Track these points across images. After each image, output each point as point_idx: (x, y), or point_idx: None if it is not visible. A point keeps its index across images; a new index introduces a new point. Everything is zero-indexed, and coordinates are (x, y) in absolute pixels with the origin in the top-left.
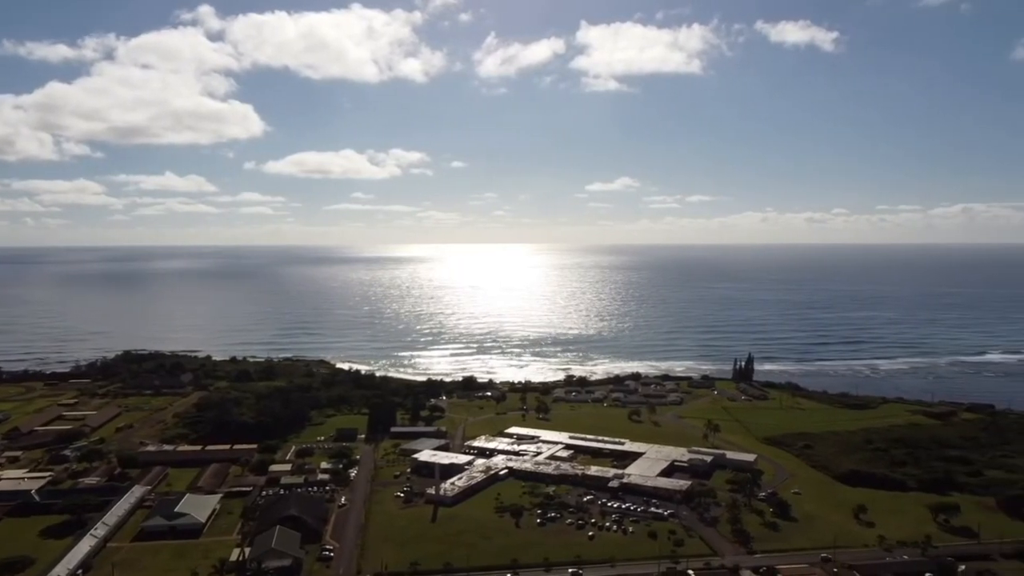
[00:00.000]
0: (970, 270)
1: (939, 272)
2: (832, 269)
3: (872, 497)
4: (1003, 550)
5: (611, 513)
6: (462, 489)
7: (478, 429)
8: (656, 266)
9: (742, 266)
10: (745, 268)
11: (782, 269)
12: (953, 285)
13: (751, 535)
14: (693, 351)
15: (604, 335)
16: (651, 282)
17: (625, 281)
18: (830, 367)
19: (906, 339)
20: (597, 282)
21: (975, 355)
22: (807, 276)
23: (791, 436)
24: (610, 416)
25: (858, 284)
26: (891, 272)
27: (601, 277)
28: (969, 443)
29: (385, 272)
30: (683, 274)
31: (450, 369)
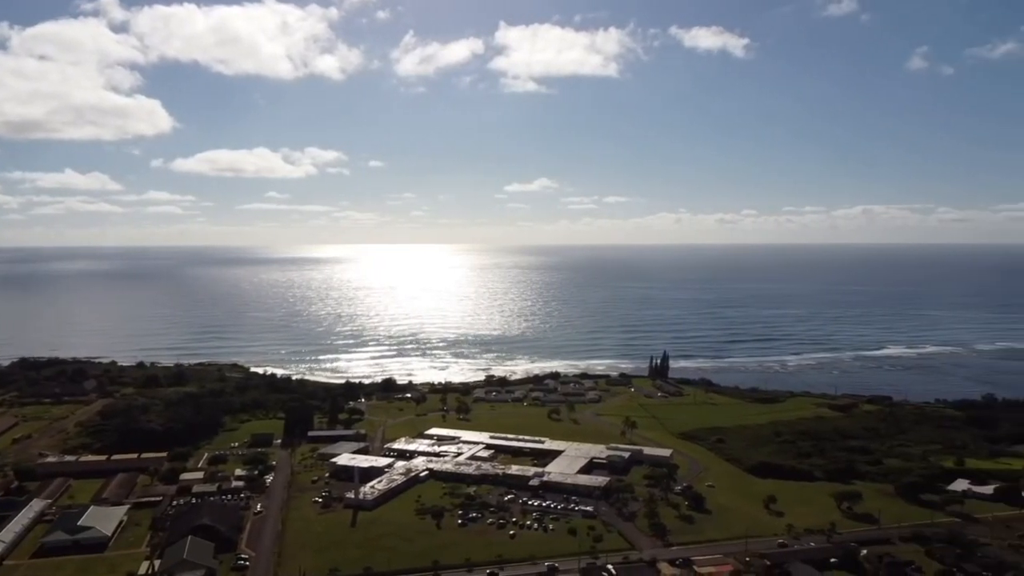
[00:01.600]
0: (870, 269)
1: (842, 271)
2: (742, 268)
3: (781, 488)
4: (901, 534)
5: (532, 511)
6: (382, 492)
7: (398, 431)
8: (575, 266)
9: (657, 266)
10: (660, 268)
11: (695, 268)
12: (855, 283)
13: (668, 528)
14: (612, 350)
15: (524, 335)
16: (570, 282)
17: (544, 281)
18: (741, 363)
19: (812, 335)
20: (517, 282)
21: (875, 350)
22: (719, 275)
23: (705, 431)
24: (530, 415)
25: (767, 283)
26: (798, 271)
27: (521, 277)
28: (869, 433)
29: (301, 273)
30: (601, 274)
31: (369, 371)
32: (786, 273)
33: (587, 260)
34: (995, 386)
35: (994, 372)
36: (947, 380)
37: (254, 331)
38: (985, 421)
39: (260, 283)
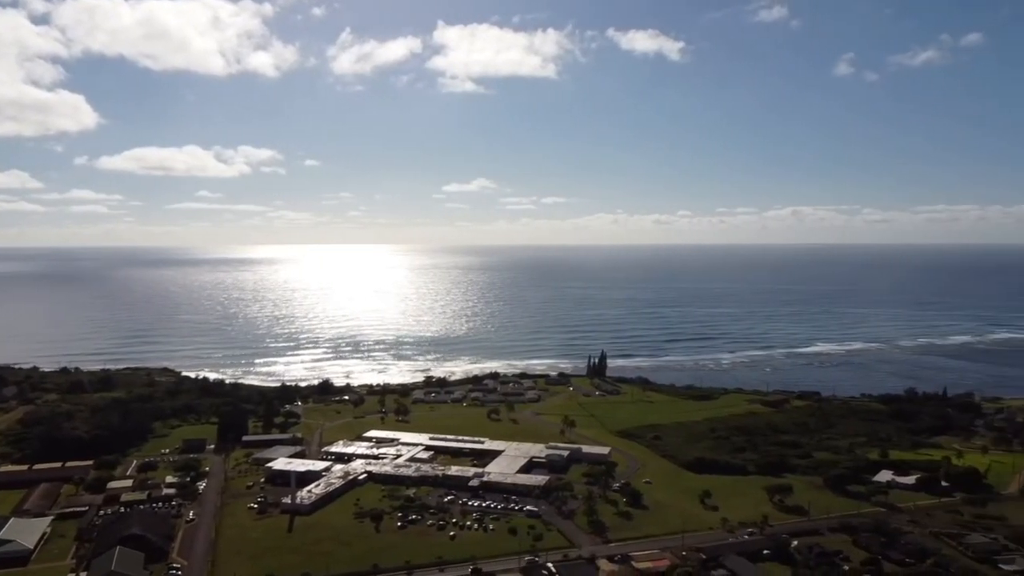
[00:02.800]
0: (799, 268)
1: (773, 270)
2: (679, 268)
3: (716, 482)
4: (830, 524)
5: (472, 512)
6: (320, 496)
7: (336, 434)
8: (513, 266)
9: (596, 266)
10: (599, 268)
11: (633, 268)
12: (786, 282)
13: (606, 525)
14: (552, 350)
15: (464, 336)
16: (509, 282)
17: (484, 281)
18: (678, 362)
19: (746, 334)
20: (456, 283)
21: (806, 347)
22: (656, 275)
23: (642, 428)
24: (470, 416)
25: (702, 283)
26: (731, 271)
27: (460, 278)
28: (800, 428)
29: (234, 274)
30: (540, 274)
31: (306, 374)
32: (720, 273)
33: (526, 260)
34: (916, 380)
35: (915, 367)
36: (872, 375)
37: (186, 334)
38: (907, 414)
39: (191, 285)
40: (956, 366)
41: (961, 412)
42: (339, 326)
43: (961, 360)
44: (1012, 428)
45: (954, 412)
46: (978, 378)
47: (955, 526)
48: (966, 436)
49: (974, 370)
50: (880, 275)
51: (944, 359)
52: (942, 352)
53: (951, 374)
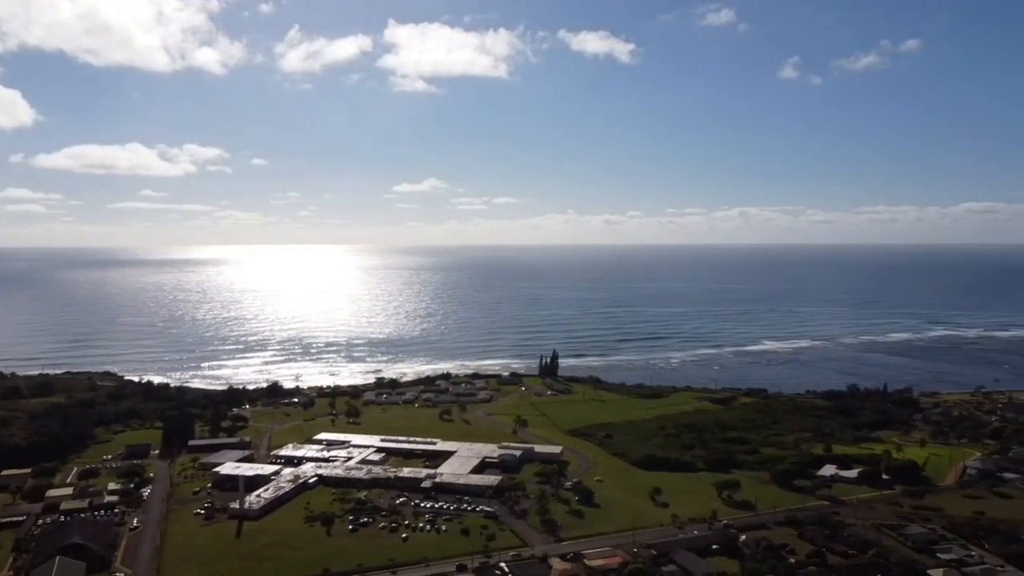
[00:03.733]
0: (747, 268)
1: (721, 270)
2: (629, 268)
3: (666, 479)
4: (776, 518)
5: (424, 513)
6: (269, 500)
7: (285, 437)
8: (465, 267)
9: (548, 266)
10: (550, 268)
11: (584, 268)
12: (733, 282)
13: (559, 524)
14: (504, 350)
15: (415, 336)
16: (461, 283)
17: (435, 282)
18: (628, 361)
19: (695, 333)
20: (407, 283)
21: (753, 346)
22: (607, 275)
23: (593, 427)
24: (422, 417)
25: (652, 282)
26: (681, 271)
27: (411, 278)
28: (747, 424)
29: (180, 275)
30: (492, 274)
31: (255, 377)
32: (670, 273)
33: (477, 261)
34: (858, 377)
35: (857, 364)
36: (816, 372)
37: (129, 338)
38: (849, 410)
39: (135, 286)
40: (896, 363)
41: (900, 407)
42: (289, 328)
43: (901, 357)
44: (948, 422)
45: (894, 407)
46: (917, 374)
47: (895, 517)
48: (905, 430)
49: (913, 366)
50: (824, 275)
51: (885, 356)
52: (883, 349)
53: (891, 371)
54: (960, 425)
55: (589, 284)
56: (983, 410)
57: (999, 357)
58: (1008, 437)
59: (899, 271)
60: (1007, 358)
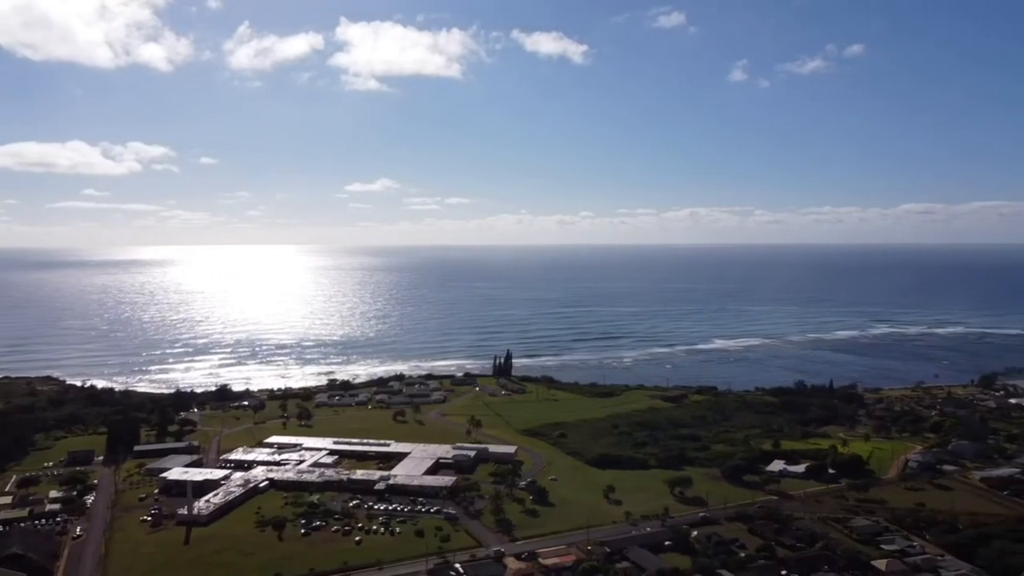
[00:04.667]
0: (697, 268)
1: (673, 270)
2: (582, 268)
3: (619, 477)
4: (727, 514)
5: (378, 516)
6: (218, 506)
7: (235, 441)
8: (418, 267)
9: (501, 266)
10: (504, 268)
11: (538, 269)
12: (685, 281)
13: (513, 523)
14: (458, 350)
15: (368, 337)
16: (414, 283)
17: (388, 282)
18: (582, 360)
19: (647, 332)
20: (360, 284)
21: (704, 344)
22: (561, 275)
23: (547, 426)
24: (375, 418)
25: (605, 282)
26: (633, 271)
27: (364, 279)
28: (698, 422)
29: (125, 277)
30: (445, 275)
31: (204, 381)
32: (623, 273)
33: (431, 261)
34: (805, 374)
35: (804, 361)
36: (765, 370)
37: (71, 341)
38: (797, 406)
39: (77, 288)
40: (841, 359)
41: (846, 403)
42: (239, 330)
43: (846, 354)
44: (891, 417)
45: (839, 403)
46: (861, 370)
47: (841, 510)
48: (850, 425)
49: (857, 363)
50: (772, 274)
51: (831, 353)
52: (829, 347)
53: (837, 367)
54: (902, 420)
55: (543, 284)
56: (923, 405)
57: (939, 353)
58: (947, 431)
59: (844, 271)
60: (946, 354)
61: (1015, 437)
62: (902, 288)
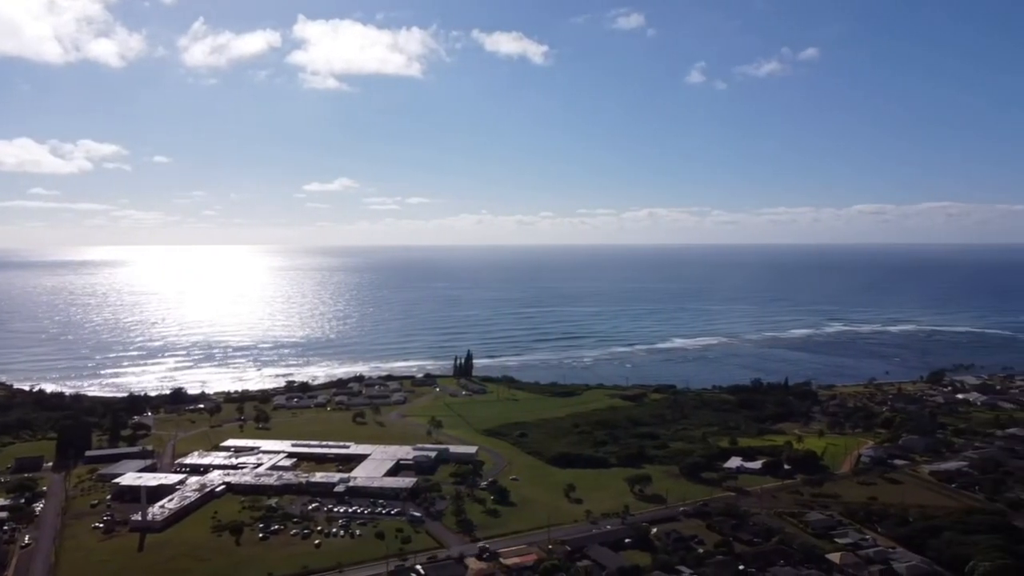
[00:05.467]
0: (657, 268)
1: (632, 269)
2: (543, 268)
3: (580, 476)
4: (685, 511)
5: (338, 518)
6: (173, 511)
7: (190, 445)
8: (378, 267)
9: (462, 266)
10: (465, 268)
11: (499, 269)
12: (644, 281)
13: (474, 524)
14: (418, 351)
15: (327, 339)
16: (374, 283)
17: (347, 283)
18: (542, 360)
19: (607, 331)
20: (318, 284)
21: (663, 343)
22: (521, 275)
23: (508, 426)
24: (334, 420)
25: (566, 282)
26: (593, 271)
27: (322, 279)
28: (657, 420)
29: (75, 278)
30: (405, 275)
31: (158, 384)
32: (583, 273)
33: (390, 261)
34: (761, 372)
35: (761, 360)
36: (722, 368)
37: (19, 345)
38: (753, 403)
39: (25, 290)
40: (796, 357)
41: (800, 400)
42: (195, 332)
43: (801, 352)
44: (844, 413)
45: (794, 400)
46: (815, 368)
47: (796, 505)
48: (805, 422)
49: (812, 361)
50: (729, 274)
51: (786, 351)
52: (784, 345)
53: (792, 365)
54: (854, 416)
55: (504, 284)
56: (875, 401)
57: (890, 351)
58: (898, 426)
59: (799, 270)
60: (897, 351)
61: (962, 431)
62: (855, 287)
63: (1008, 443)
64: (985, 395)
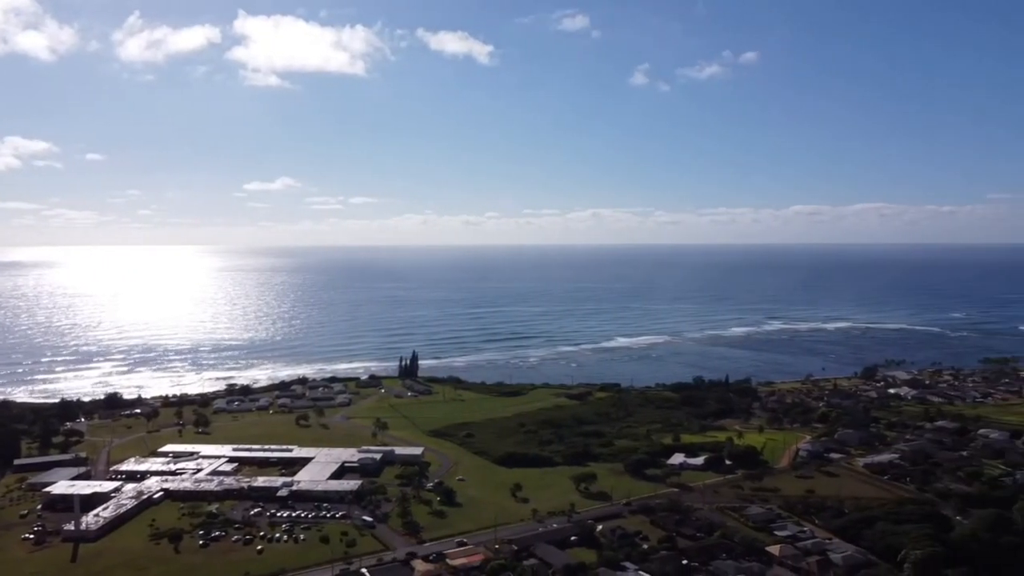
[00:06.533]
0: (601, 267)
1: (577, 269)
2: (489, 268)
3: (526, 475)
4: (630, 507)
5: (281, 523)
6: (108, 520)
7: (127, 451)
8: (322, 268)
9: (407, 267)
10: (411, 269)
11: (445, 269)
12: (589, 280)
13: (421, 525)
14: (364, 352)
15: (270, 340)
16: (317, 284)
17: (290, 283)
18: (489, 360)
19: (553, 331)
20: (260, 285)
21: (608, 342)
22: (468, 275)
23: (454, 427)
24: (277, 423)
25: (512, 282)
26: (539, 270)
27: (265, 280)
28: (602, 418)
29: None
30: (350, 275)
31: (92, 390)
32: (529, 273)
33: (335, 261)
34: (703, 369)
35: (703, 357)
36: (666, 366)
37: None
38: (695, 400)
39: None
40: (737, 355)
41: (741, 397)
42: (131, 335)
43: (742, 350)
44: (782, 409)
45: (735, 397)
46: (755, 365)
47: (737, 500)
48: (745, 418)
49: (752, 358)
50: (672, 273)
51: (727, 349)
52: (726, 343)
53: (733, 363)
54: (792, 411)
55: (450, 285)
56: (812, 397)
57: (826, 348)
58: (834, 421)
59: (740, 270)
60: (833, 348)
61: (894, 425)
62: (794, 286)
63: (936, 435)
64: (915, 389)
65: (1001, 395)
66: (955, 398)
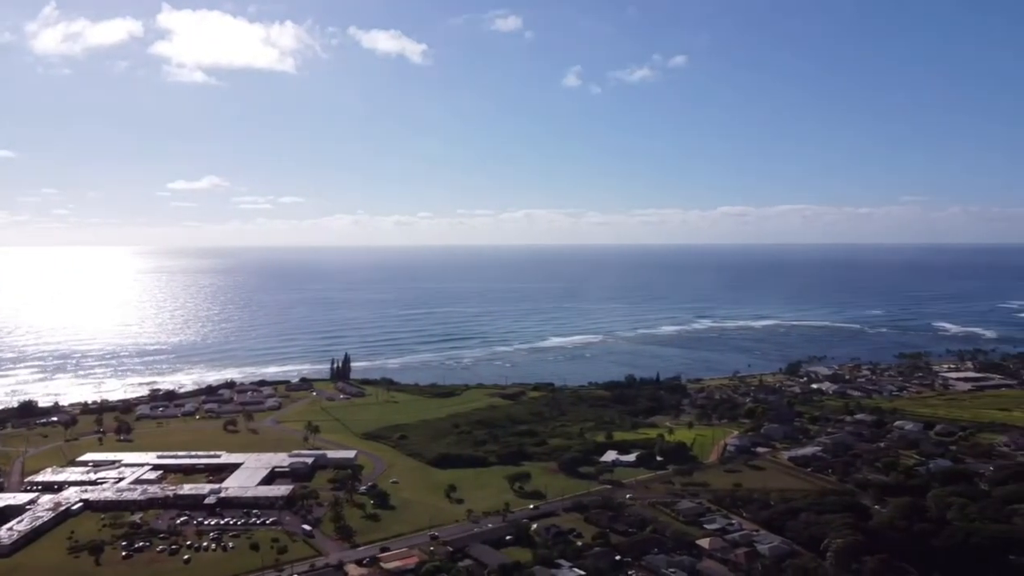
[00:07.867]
0: (534, 267)
1: (511, 269)
2: (422, 269)
3: (460, 476)
4: (564, 505)
5: (209, 531)
6: (23, 533)
7: (43, 461)
8: (250, 269)
9: (338, 267)
10: (341, 269)
11: (377, 269)
12: (523, 281)
13: (354, 529)
14: (295, 355)
15: (195, 343)
16: (245, 285)
17: (217, 285)
18: (422, 361)
19: (487, 331)
20: (185, 287)
21: (541, 342)
22: (399, 276)
23: (388, 429)
24: (204, 429)
25: (445, 282)
26: (472, 271)
27: (189, 281)
28: (535, 418)
29: None
30: (279, 276)
31: (4, 397)
32: (463, 273)
33: (263, 262)
34: (635, 368)
35: (634, 356)
36: (598, 365)
37: None
38: (627, 398)
39: None
40: (668, 353)
41: (671, 394)
42: (47, 340)
43: (672, 347)
44: (711, 405)
45: (665, 394)
46: (685, 363)
47: (668, 495)
48: (676, 415)
49: (682, 356)
50: (605, 273)
51: (658, 348)
52: (656, 342)
53: (663, 361)
54: (720, 407)
55: (383, 285)
56: (739, 393)
57: (752, 345)
58: (759, 416)
59: (670, 269)
60: (759, 345)
61: (816, 419)
62: (722, 285)
63: (856, 428)
64: (836, 384)
65: (916, 388)
66: (873, 392)
